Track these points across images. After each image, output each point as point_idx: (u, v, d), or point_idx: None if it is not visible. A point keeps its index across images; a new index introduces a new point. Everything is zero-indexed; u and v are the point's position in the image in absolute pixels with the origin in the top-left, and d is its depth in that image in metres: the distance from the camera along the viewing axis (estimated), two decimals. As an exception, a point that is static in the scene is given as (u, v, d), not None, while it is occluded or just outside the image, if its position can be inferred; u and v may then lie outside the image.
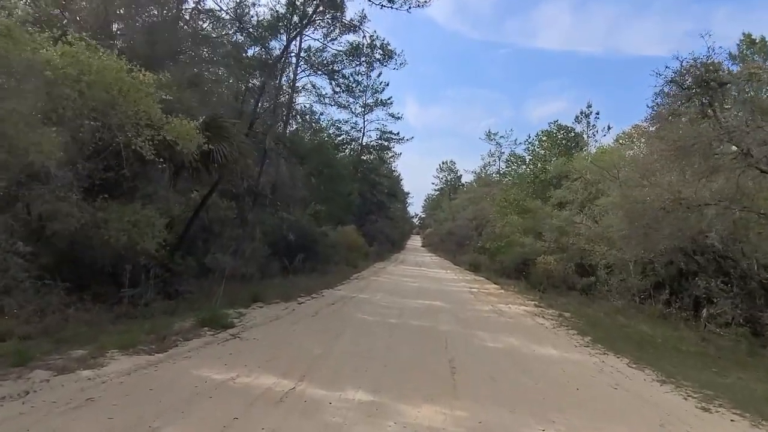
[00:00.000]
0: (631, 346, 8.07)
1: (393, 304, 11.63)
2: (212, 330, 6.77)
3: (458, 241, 43.54)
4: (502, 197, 26.84)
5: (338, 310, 9.82)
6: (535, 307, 12.81)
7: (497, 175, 40.30)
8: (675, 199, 9.46)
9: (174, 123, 6.07)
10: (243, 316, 8.12)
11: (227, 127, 9.87)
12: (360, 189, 34.72)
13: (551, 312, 12.03)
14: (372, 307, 10.73)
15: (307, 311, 9.30)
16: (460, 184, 66.27)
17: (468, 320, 9.88)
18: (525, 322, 10.18)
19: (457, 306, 12.17)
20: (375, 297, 12.73)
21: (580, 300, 16.22)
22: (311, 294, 11.96)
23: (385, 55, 17.30)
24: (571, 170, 20.89)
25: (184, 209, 12.99)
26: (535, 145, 27.53)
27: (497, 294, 16.21)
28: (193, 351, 5.65)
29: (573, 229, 19.65)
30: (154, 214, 7.89)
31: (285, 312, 8.97)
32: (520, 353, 7.01)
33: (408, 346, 6.89)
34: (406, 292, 14.65)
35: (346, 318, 8.99)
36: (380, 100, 35.97)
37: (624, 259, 15.67)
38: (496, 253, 25.18)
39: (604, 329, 9.81)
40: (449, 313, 10.67)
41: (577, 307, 13.65)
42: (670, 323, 12.26)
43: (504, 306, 12.70)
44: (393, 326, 8.49)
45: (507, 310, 11.82)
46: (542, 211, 21.56)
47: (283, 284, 12.89)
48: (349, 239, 25.29)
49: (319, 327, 7.87)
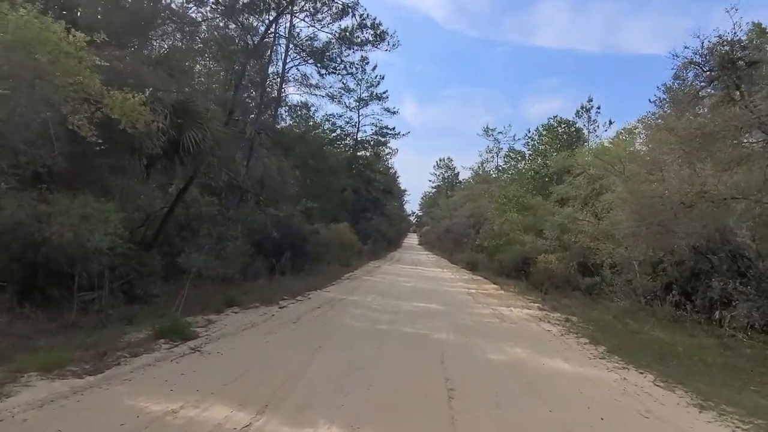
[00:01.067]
0: (652, 358, 7.14)
1: (385, 307, 10.67)
2: (170, 342, 5.79)
3: (455, 239, 42.67)
4: (501, 194, 25.92)
5: (323, 316, 8.85)
6: (538, 310, 11.88)
7: (496, 172, 39.36)
8: (698, 192, 8.51)
9: (116, 97, 5.07)
10: (212, 324, 7.14)
11: (199, 113, 8.89)
12: (354, 185, 33.72)
13: (556, 316, 11.10)
14: (362, 311, 9.77)
15: (287, 317, 8.33)
16: (457, 181, 65.47)
17: (467, 326, 8.94)
18: (529, 328, 9.24)
19: (455, 309, 11.23)
20: (366, 299, 11.77)
21: (584, 301, 15.34)
22: (296, 296, 10.99)
23: (377, 36, 16.24)
24: (574, 165, 19.96)
25: (165, 205, 12.04)
26: (535, 140, 26.61)
27: (497, 295, 15.28)
28: (136, 371, 4.67)
29: (576, 226, 18.77)
30: (109, 208, 6.89)
31: (262, 318, 7.99)
32: (528, 369, 6.06)
33: (399, 360, 5.93)
34: (400, 294, 13.69)
35: (331, 325, 8.02)
36: (375, 94, 35.01)
37: (631, 258, 14.81)
38: (494, 252, 24.26)
39: (616, 336, 8.88)
40: (446, 318, 9.72)
41: (582, 310, 12.75)
42: (683, 327, 11.37)
43: (505, 309, 11.77)
44: (383, 335, 7.53)
45: (509, 314, 10.88)
46: (543, 207, 20.65)
47: (266, 286, 11.92)
48: (342, 237, 24.31)
49: (298, 337, 6.90)
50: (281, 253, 14.38)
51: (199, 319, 7.31)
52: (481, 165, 43.10)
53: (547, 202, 21.22)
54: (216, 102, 11.18)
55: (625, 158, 17.69)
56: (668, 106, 22.78)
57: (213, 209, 12.97)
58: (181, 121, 8.61)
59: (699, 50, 9.06)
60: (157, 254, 10.22)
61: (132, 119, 5.22)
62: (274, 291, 11.08)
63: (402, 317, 9.43)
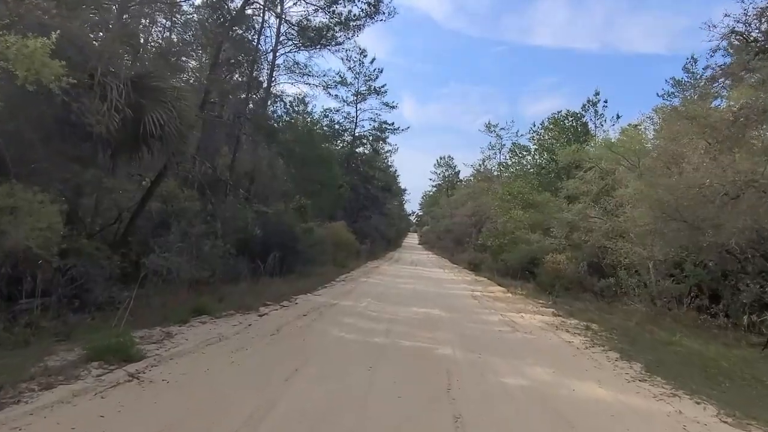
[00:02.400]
0: (699, 379, 5.93)
1: (382, 313, 9.46)
2: (104, 366, 4.57)
3: (456, 238, 41.48)
4: (505, 190, 24.70)
5: (308, 326, 7.62)
6: (553, 317, 10.65)
7: (499, 168, 38.12)
8: (747, 180, 7.29)
9: (8, 42, 3.81)
10: (170, 338, 5.91)
11: (164, 91, 7.65)
12: (352, 183, 32.50)
13: (574, 323, 9.88)
14: (354, 320, 8.55)
15: (265, 328, 7.09)
16: (458, 180, 64.30)
17: (475, 338, 7.71)
18: (547, 339, 8.01)
19: (460, 316, 10.01)
20: (360, 304, 10.55)
21: (598, 305, 14.19)
22: (281, 301, 9.78)
23: (371, 6, 14.89)
24: (584, 159, 18.74)
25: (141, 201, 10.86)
26: (540, 134, 25.38)
27: (504, 298, 14.06)
28: (38, 413, 3.45)
29: (587, 224, 17.57)
30: (42, 198, 5.66)
31: (234, 330, 6.76)
32: (556, 397, 4.83)
33: (395, 390, 4.70)
34: (398, 297, 12.47)
35: (315, 338, 6.79)
36: (373, 88, 33.77)
37: (650, 258, 13.63)
38: (499, 252, 23.03)
39: (647, 348, 7.66)
40: (451, 327, 8.50)
41: (600, 315, 11.55)
42: (711, 334, 10.20)
43: (515, 315, 10.54)
44: (377, 350, 6.31)
45: (521, 321, 9.66)
46: (552, 204, 19.43)
47: (249, 290, 10.69)
48: (338, 236, 23.06)
49: (273, 356, 5.67)
50: (269, 253, 13.17)
51: (156, 332, 6.09)
52: (482, 162, 41.85)
53: (555, 199, 20.01)
54: (192, 83, 9.97)
55: (639, 151, 16.52)
56: (691, 93, 21.37)
57: (194, 205, 11.77)
58: (143, 100, 7.42)
59: (742, 18, 7.83)
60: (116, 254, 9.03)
61: (34, 72, 3.97)
62: (256, 296, 9.86)
63: (400, 327, 8.21)
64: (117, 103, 6.82)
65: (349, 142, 34.61)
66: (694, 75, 29.31)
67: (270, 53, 17.22)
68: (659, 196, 12.36)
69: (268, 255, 13.11)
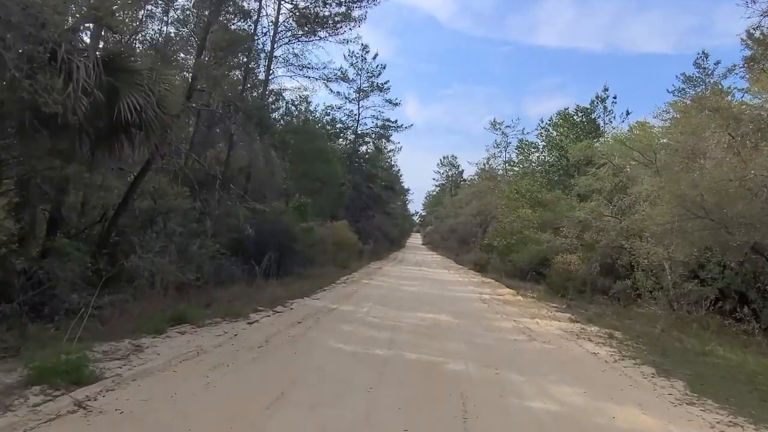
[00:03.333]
0: (754, 400, 5.08)
1: (384, 320, 8.64)
2: (48, 391, 3.77)
3: (461, 238, 40.66)
4: (513, 188, 23.84)
5: (302, 336, 6.80)
6: (570, 323, 9.81)
7: (506, 166, 37.24)
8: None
9: None
10: (138, 352, 5.11)
11: (139, 72, 6.85)
12: (355, 181, 31.71)
13: (594, 330, 9.03)
14: (353, 327, 7.73)
15: (252, 339, 6.28)
16: (462, 179, 63.55)
17: (489, 349, 6.88)
18: (569, 350, 7.17)
19: (470, 322, 9.17)
20: (361, 309, 9.73)
21: (615, 309, 13.37)
22: (275, 306, 8.98)
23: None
24: (596, 154, 17.83)
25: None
26: (549, 130, 24.50)
27: (514, 302, 13.21)
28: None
29: (600, 223, 16.71)
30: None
31: (216, 341, 5.95)
32: (595, 428, 4.00)
33: (400, 418, 3.88)
34: (402, 301, 11.65)
35: (308, 351, 5.97)
36: (376, 84, 33.01)
37: (671, 258, 12.79)
38: (506, 252, 22.19)
39: (683, 361, 6.81)
40: (461, 336, 7.67)
41: (620, 321, 10.71)
42: (742, 341, 9.35)
43: (530, 321, 9.71)
44: (379, 366, 5.49)
45: (536, 329, 8.82)
46: (563, 202, 18.56)
47: (241, 293, 9.92)
48: (339, 236, 22.28)
49: (256, 375, 4.86)
50: (264, 254, 12.38)
51: (124, 345, 5.29)
52: (487, 161, 40.96)
53: (566, 196, 19.15)
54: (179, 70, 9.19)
55: (657, 146, 15.65)
56: (702, 89, 20.43)
57: (184, 202, 11.01)
58: (115, 82, 6.63)
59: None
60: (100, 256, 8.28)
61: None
62: (248, 300, 9.07)
63: (405, 335, 7.38)
64: (85, 84, 6.04)
65: (352, 140, 33.82)
66: (705, 71, 28.45)
67: (267, 42, 16.50)
68: (681, 192, 11.53)
69: (263, 256, 12.33)
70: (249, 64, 13.45)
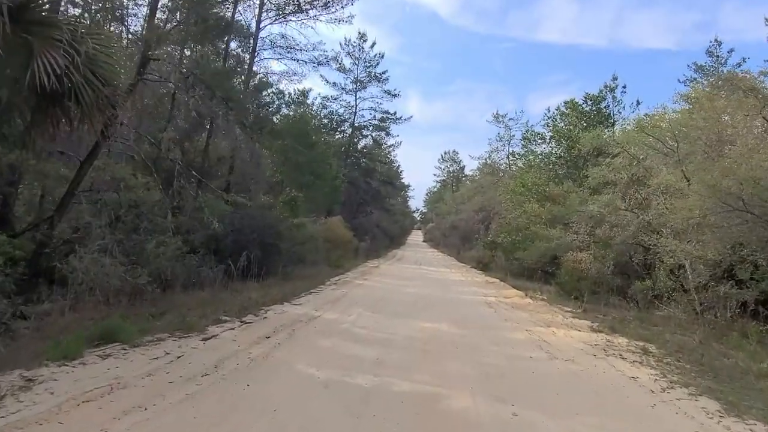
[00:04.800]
0: None
1: (374, 331, 7.25)
2: None
3: (463, 235, 39.29)
4: (519, 181, 22.42)
5: (265, 358, 5.39)
6: (592, 332, 8.41)
7: (509, 159, 35.76)
8: None
9: None
10: (26, 390, 3.71)
11: (59, 27, 5.43)
12: (352, 176, 30.32)
13: (623, 342, 7.63)
14: (335, 343, 6.34)
15: (197, 364, 4.88)
16: (463, 175, 62.17)
17: (501, 373, 5.48)
18: (600, 372, 5.76)
19: (476, 333, 7.77)
20: (348, 317, 8.34)
21: (637, 314, 12.02)
22: (245, 315, 7.58)
23: None
24: (610, 144, 16.38)
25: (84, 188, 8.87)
26: (556, 120, 23.04)
27: (524, 305, 11.81)
28: None
29: (616, 218, 15.32)
30: None
31: (146, 369, 4.55)
32: None
33: None
34: (398, 306, 10.27)
35: (267, 383, 4.57)
36: (374, 75, 31.51)
37: (701, 256, 11.40)
38: (512, 249, 20.79)
39: (747, 387, 5.38)
40: (466, 354, 6.27)
41: (645, 328, 9.35)
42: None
43: (545, 330, 8.31)
44: (357, 405, 4.09)
45: (554, 341, 7.42)
46: (575, 195, 17.14)
47: (211, 299, 8.55)
48: (333, 233, 20.91)
49: (182, 426, 3.46)
50: (240, 252, 11.02)
51: (12, 378, 3.90)
52: (490, 155, 39.40)
53: (579, 189, 17.73)
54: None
55: (679, 133, 14.21)
56: (714, 78, 19.10)
57: (154, 195, 9.67)
58: (29, 37, 5.24)
59: None
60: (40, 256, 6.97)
61: None
62: (215, 307, 7.69)
63: (397, 354, 5.99)
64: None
65: (349, 133, 32.35)
66: (719, 59, 26.99)
67: (252, 22, 15.10)
68: (714, 181, 10.15)
69: (239, 255, 10.96)
70: (225, 38, 12.00)
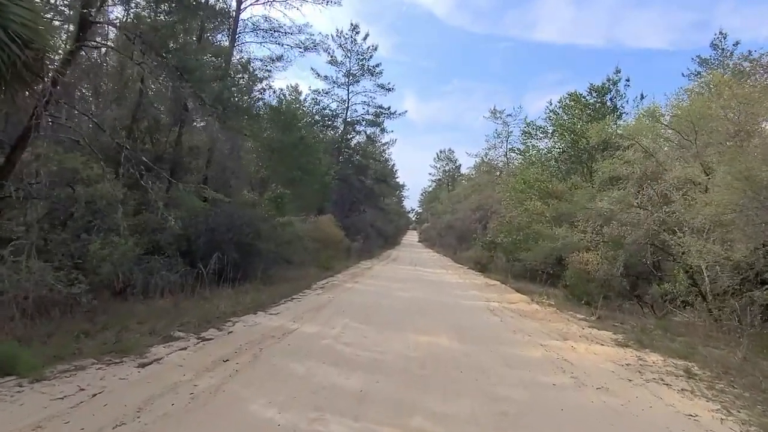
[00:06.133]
0: None
1: (359, 349, 5.98)
2: None
3: (459, 235, 38.09)
4: (520, 178, 21.21)
5: (213, 395, 4.10)
6: (618, 347, 7.18)
7: (509, 156, 34.58)
8: None
9: None
10: None
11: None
12: (344, 173, 29.02)
13: (659, 361, 6.40)
14: (308, 369, 5.05)
15: (118, 405, 3.59)
16: (459, 174, 61.12)
17: (520, 410, 4.22)
18: (648, 408, 4.51)
19: (481, 349, 6.51)
20: (330, 330, 7.05)
21: (651, 319, 10.94)
22: (206, 330, 6.30)
23: None
24: (620, 135, 15.17)
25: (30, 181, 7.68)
26: (558, 114, 21.83)
27: (532, 312, 10.59)
28: None
29: (627, 215, 14.15)
30: None
31: (37, 418, 3.24)
32: None
33: None
34: (390, 314, 9.00)
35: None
36: (367, 68, 30.26)
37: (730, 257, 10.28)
38: (513, 249, 19.59)
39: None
40: (472, 381, 5.01)
41: (671, 338, 8.17)
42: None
43: (563, 345, 7.07)
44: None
45: (578, 361, 6.17)
46: (582, 191, 15.94)
47: (172, 309, 7.26)
48: (323, 232, 19.63)
49: None
50: (211, 254, 9.74)
51: None
52: (487, 152, 38.23)
53: (587, 185, 16.55)
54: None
55: (696, 123, 13.06)
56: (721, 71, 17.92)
57: (115, 191, 8.35)
58: None
59: None
60: None
61: None
62: (170, 320, 6.40)
63: (385, 383, 4.71)
64: None
65: (341, 129, 31.03)
66: (724, 52, 26.02)
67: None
68: (748, 172, 9.03)
69: (211, 257, 9.67)
70: (201, 12, 10.70)
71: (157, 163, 12.27)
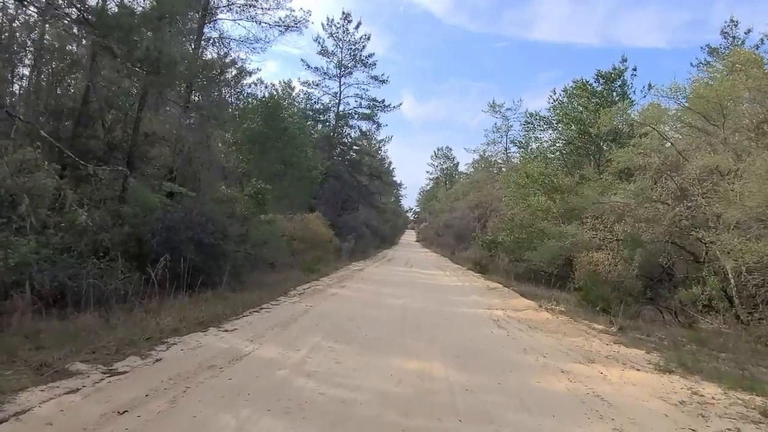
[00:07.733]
0: None
1: (324, 386, 4.45)
2: None
3: (457, 234, 36.66)
4: (522, 172, 19.72)
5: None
6: (660, 373, 5.66)
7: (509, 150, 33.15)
8: None
9: None
10: None
11: None
12: (336, 169, 27.51)
13: (719, 396, 4.90)
14: (241, 424, 3.53)
15: None
16: (457, 172, 59.90)
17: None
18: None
19: (488, 382, 4.98)
20: (294, 354, 5.52)
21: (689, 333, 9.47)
22: (124, 357, 4.77)
23: None
24: (637, 120, 13.68)
25: None
26: (563, 102, 20.37)
27: (543, 323, 9.07)
28: None
29: (645, 210, 12.73)
30: None
31: None
32: None
33: None
34: (374, 328, 7.47)
35: None
36: (360, 59, 28.79)
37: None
38: (515, 249, 18.12)
39: None
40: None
41: (713, 356, 6.69)
42: None
43: (589, 372, 5.56)
44: None
45: (616, 399, 4.66)
46: (594, 184, 14.44)
47: (93, 326, 5.73)
48: (311, 231, 18.12)
49: None
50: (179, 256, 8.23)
51: None
52: (486, 148, 36.74)
53: (599, 177, 15.06)
54: None
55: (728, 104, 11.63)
56: None
57: (48, 182, 6.87)
58: None
59: None
60: None
61: None
62: (78, 345, 4.88)
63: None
64: None
65: (333, 123, 29.51)
66: (735, 39, 24.66)
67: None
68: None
69: (161, 259, 8.13)
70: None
71: (110, 152, 10.76)
